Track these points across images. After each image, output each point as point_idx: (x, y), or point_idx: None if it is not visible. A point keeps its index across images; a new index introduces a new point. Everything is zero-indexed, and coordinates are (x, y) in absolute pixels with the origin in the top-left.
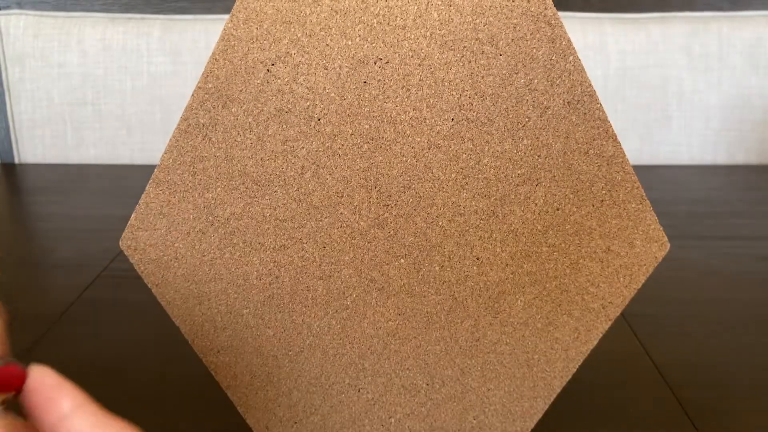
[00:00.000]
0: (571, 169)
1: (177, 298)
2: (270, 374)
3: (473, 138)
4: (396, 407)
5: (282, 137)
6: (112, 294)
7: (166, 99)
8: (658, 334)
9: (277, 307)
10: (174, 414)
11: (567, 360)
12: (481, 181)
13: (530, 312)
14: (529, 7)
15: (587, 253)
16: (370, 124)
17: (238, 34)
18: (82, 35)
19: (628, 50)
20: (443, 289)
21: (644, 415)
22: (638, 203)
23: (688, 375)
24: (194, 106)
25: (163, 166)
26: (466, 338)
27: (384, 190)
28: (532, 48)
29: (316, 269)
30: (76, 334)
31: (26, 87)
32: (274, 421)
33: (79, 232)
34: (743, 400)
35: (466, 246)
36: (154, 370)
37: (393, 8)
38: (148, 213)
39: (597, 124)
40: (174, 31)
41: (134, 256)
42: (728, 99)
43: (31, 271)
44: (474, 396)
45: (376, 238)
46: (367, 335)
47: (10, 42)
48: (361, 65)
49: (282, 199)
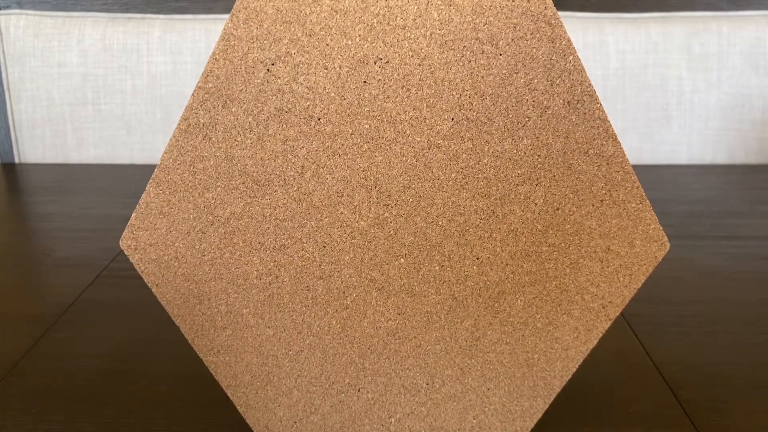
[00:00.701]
0: (571, 169)
1: (177, 298)
2: (270, 374)
3: (473, 138)
4: (396, 407)
5: (282, 137)
6: (112, 294)
7: (166, 99)
8: (658, 334)
9: (277, 307)
10: (174, 414)
11: (567, 360)
12: (481, 181)
13: (530, 312)
14: (529, 7)
15: (587, 253)
16: (370, 124)
17: (238, 34)
18: (82, 35)
19: (628, 50)
20: (443, 289)
21: (644, 415)
22: (638, 203)
23: (687, 375)
24: (194, 106)
25: (163, 166)
26: (466, 338)
27: (384, 190)
28: (532, 48)
29: (316, 269)
30: (76, 334)
31: (26, 87)
32: (274, 421)
33: (79, 232)
34: (743, 400)
35: (466, 246)
36: (154, 370)
37: (393, 8)
38: (148, 213)
39: (597, 123)
40: (174, 31)
41: (134, 256)
42: (728, 99)
43: (31, 271)
44: (474, 396)
45: (376, 237)
46: (367, 335)
47: (10, 42)
48: (361, 65)
49: (282, 199)
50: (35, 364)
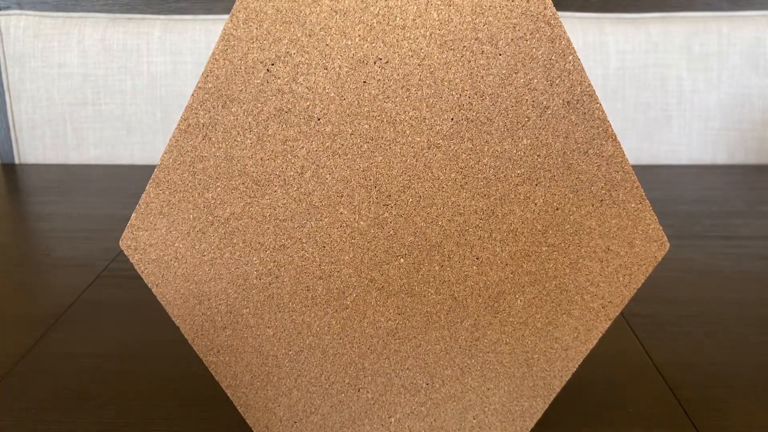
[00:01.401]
0: (571, 169)
1: (177, 298)
2: (270, 374)
3: (473, 138)
4: (396, 407)
5: (282, 137)
6: (112, 294)
7: (166, 99)
8: (658, 334)
9: (277, 307)
10: (174, 414)
11: (567, 359)
12: (481, 181)
13: (530, 312)
14: (529, 7)
15: (587, 253)
16: (370, 124)
17: (238, 34)
18: (82, 35)
19: (628, 50)
20: (443, 289)
21: (644, 415)
22: (638, 203)
23: (687, 374)
24: (194, 106)
25: (163, 166)
26: (465, 338)
27: (384, 190)
28: (532, 48)
29: (316, 269)
30: (76, 334)
31: (26, 87)
32: (274, 420)
33: (79, 232)
34: (743, 400)
35: (466, 246)
36: (154, 370)
37: (393, 8)
38: (148, 213)
39: (596, 123)
40: (174, 31)
41: (134, 256)
42: (728, 99)
43: (31, 271)
44: (474, 396)
45: (375, 237)
46: (367, 335)
47: (10, 42)
48: (361, 65)
49: (282, 199)
50: (35, 364)
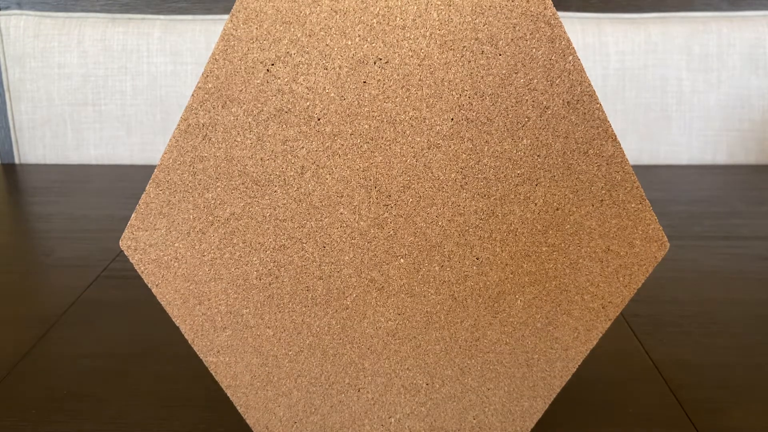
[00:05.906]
0: (571, 169)
1: (177, 298)
2: (270, 374)
3: (473, 138)
4: (396, 407)
5: (282, 137)
6: (112, 294)
7: (166, 99)
8: (658, 334)
9: (277, 307)
10: (174, 414)
11: (567, 360)
12: (481, 181)
13: (530, 312)
14: (529, 7)
15: (587, 253)
16: (370, 124)
17: (238, 34)
18: (82, 35)
19: (628, 50)
20: (443, 289)
21: (643, 415)
22: (638, 203)
23: (687, 374)
24: (194, 106)
25: (163, 166)
26: (465, 338)
27: (384, 190)
28: (532, 48)
29: (316, 269)
30: (76, 334)
31: (26, 87)
32: (274, 421)
33: (79, 232)
34: (743, 400)
35: (465, 246)
36: (154, 370)
37: (393, 8)
38: (148, 213)
39: (596, 124)
40: (174, 32)
41: (134, 256)
42: (728, 99)
43: (32, 272)
44: (474, 396)
45: (375, 238)
46: (367, 335)
47: (10, 42)
48: (360, 65)
49: (282, 199)
50: (35, 365)
